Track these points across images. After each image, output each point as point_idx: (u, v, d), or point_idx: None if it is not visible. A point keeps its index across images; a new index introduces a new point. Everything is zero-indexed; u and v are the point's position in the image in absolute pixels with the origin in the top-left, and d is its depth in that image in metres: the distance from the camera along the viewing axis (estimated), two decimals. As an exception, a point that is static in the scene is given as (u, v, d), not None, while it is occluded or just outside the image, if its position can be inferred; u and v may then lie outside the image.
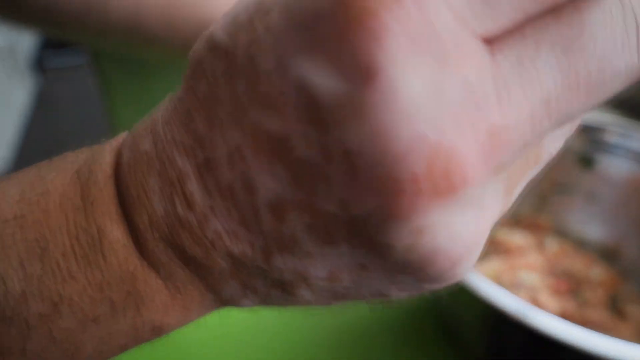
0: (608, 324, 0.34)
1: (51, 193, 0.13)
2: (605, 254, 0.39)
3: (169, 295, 0.13)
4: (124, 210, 0.13)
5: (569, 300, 0.36)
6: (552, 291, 0.36)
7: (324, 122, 0.09)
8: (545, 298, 0.35)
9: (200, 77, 0.12)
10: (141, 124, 0.14)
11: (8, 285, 0.12)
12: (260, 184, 0.11)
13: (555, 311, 0.34)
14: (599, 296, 0.36)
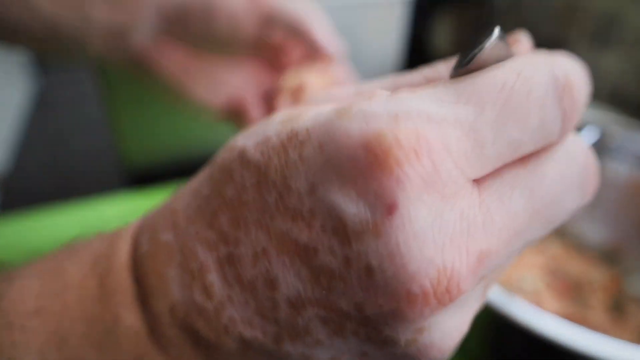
0: (609, 326, 0.34)
1: (70, 287, 0.14)
2: (606, 256, 0.39)
3: None
4: (141, 297, 0.14)
5: (570, 302, 0.36)
6: (554, 293, 0.36)
7: (349, 239, 0.12)
8: (546, 300, 0.35)
9: (228, 182, 0.14)
10: (158, 214, 0.15)
11: None
12: (282, 282, 0.12)
13: (556, 313, 0.34)
14: (600, 298, 0.36)
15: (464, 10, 0.72)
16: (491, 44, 0.12)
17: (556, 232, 0.40)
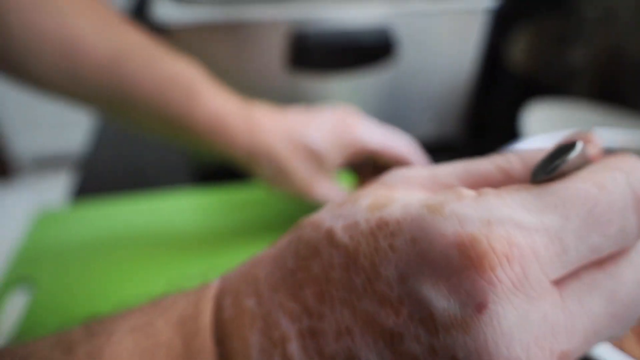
0: None
1: (159, 346, 0.15)
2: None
3: None
4: (223, 359, 0.15)
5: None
6: (638, 338, 0.33)
7: (436, 330, 0.12)
8: (630, 344, 0.32)
9: (314, 259, 0.15)
10: (239, 278, 0.16)
11: None
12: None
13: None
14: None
15: (547, 21, 0.68)
16: (574, 157, 0.13)
17: None
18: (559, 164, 0.13)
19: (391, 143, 0.38)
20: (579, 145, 0.13)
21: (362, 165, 0.42)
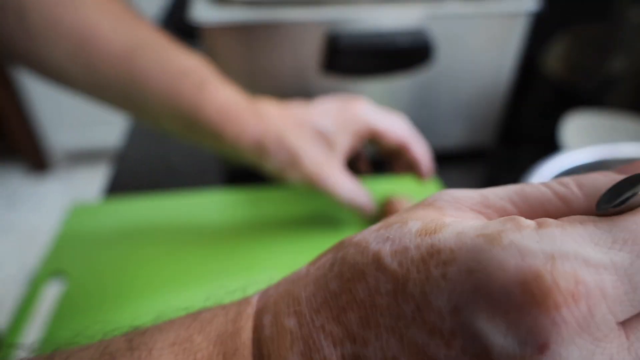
0: None
1: None
2: None
3: None
4: None
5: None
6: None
7: None
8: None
9: (360, 282, 0.14)
10: (279, 298, 0.16)
11: None
12: None
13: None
14: None
15: (586, 28, 0.66)
16: None
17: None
18: (630, 197, 0.13)
19: (393, 123, 0.39)
20: None
21: (361, 155, 0.42)
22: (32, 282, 0.39)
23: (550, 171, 0.36)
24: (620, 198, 0.13)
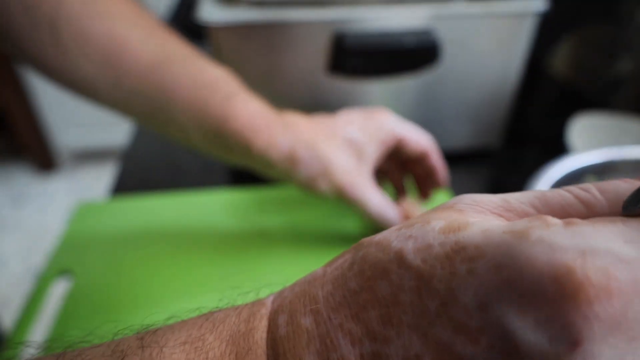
0: None
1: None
2: None
3: None
4: None
5: None
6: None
7: None
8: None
9: (382, 280, 0.14)
10: (295, 297, 0.16)
11: None
12: None
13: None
14: None
15: (594, 30, 0.66)
16: None
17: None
18: None
19: (416, 132, 0.40)
20: None
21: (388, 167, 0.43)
22: (39, 281, 0.39)
23: (557, 173, 0.36)
24: None
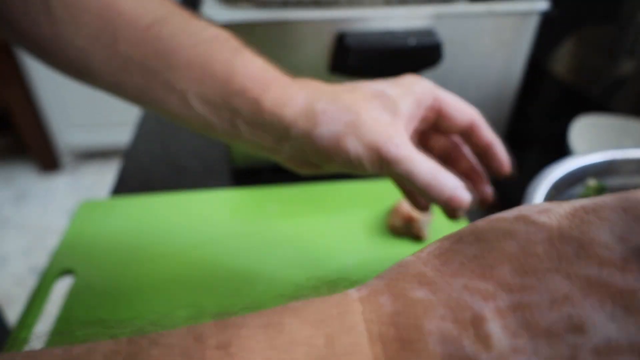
0: None
1: (296, 343, 0.14)
2: None
3: None
4: (390, 353, 0.14)
5: None
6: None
7: None
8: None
9: (506, 240, 0.15)
10: (391, 280, 0.16)
11: None
12: (590, 326, 0.13)
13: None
14: None
15: (596, 30, 0.66)
16: None
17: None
18: None
19: (460, 101, 0.32)
20: None
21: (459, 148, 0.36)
22: (42, 280, 0.39)
23: (558, 174, 0.36)
24: None
